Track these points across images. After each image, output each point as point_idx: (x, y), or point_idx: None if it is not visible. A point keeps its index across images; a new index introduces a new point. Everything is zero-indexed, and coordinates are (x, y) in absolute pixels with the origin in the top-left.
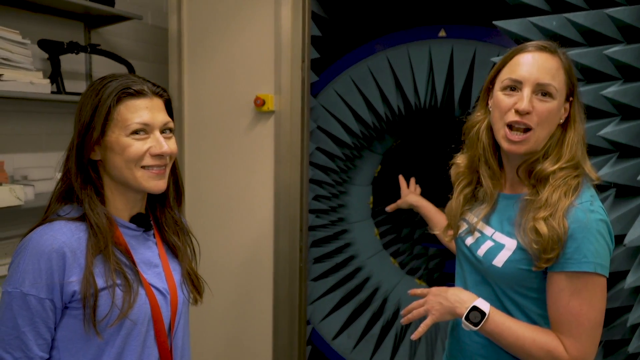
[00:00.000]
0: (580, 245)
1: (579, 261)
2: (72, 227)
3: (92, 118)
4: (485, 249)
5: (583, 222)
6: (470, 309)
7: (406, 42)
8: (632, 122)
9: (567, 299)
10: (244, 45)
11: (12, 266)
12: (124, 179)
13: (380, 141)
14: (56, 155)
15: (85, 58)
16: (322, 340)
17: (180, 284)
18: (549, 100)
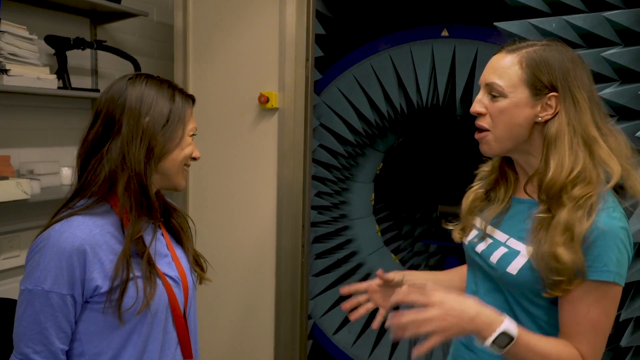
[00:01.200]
0: (601, 253)
1: (599, 269)
2: (90, 224)
3: (173, 118)
4: (498, 255)
5: (606, 230)
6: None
7: (409, 41)
8: (629, 123)
9: (586, 308)
10: (248, 42)
11: (31, 264)
12: (169, 173)
13: (383, 139)
14: (61, 150)
15: (91, 54)
16: (323, 335)
17: (189, 271)
18: (499, 99)
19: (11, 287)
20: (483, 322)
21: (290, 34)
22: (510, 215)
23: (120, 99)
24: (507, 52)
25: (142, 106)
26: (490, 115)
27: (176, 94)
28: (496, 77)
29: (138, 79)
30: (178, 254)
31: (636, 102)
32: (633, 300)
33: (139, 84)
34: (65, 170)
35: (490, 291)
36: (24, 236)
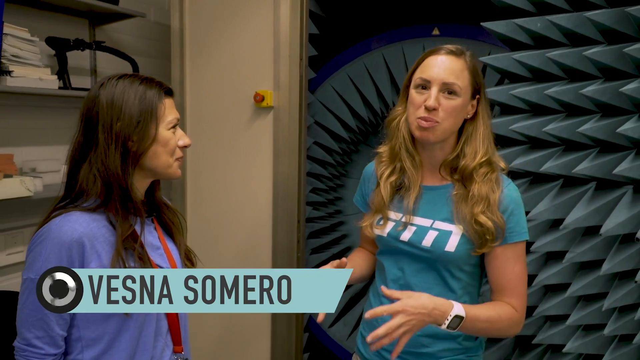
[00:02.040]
0: (519, 220)
1: (519, 233)
2: (87, 218)
3: (143, 115)
4: (431, 238)
5: (515, 202)
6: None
7: (401, 40)
8: (611, 119)
9: (512, 266)
10: (244, 42)
11: (32, 254)
12: (158, 168)
13: (376, 136)
14: (62, 148)
15: (90, 54)
16: (319, 328)
17: (180, 263)
18: (454, 98)
19: (15, 282)
20: (438, 314)
21: (284, 33)
22: (426, 201)
23: (95, 107)
24: (456, 56)
25: (113, 111)
26: (444, 111)
27: (147, 90)
28: (454, 78)
29: (109, 82)
30: (170, 247)
31: (618, 99)
32: (616, 289)
33: (110, 88)
34: (66, 168)
35: (419, 271)
36: (27, 232)
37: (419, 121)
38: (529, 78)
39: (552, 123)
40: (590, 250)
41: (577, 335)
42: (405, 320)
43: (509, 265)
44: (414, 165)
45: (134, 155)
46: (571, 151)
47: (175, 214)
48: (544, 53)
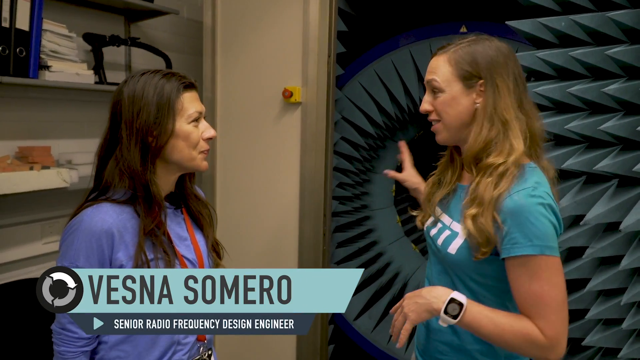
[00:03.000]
0: (523, 230)
1: (524, 245)
2: (117, 210)
3: (160, 110)
4: (443, 237)
5: (521, 208)
6: (447, 302)
7: (428, 37)
8: (633, 117)
9: (527, 283)
10: (273, 39)
11: (66, 244)
12: (182, 161)
13: (403, 132)
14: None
15: (125, 50)
16: (344, 321)
17: (207, 255)
18: (440, 95)
19: None
20: (433, 295)
21: (313, 30)
22: (455, 201)
23: (119, 104)
24: (439, 54)
25: (134, 107)
26: (436, 110)
27: (166, 85)
28: (432, 75)
29: (132, 79)
30: (198, 238)
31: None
32: (635, 284)
33: (132, 85)
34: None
35: (440, 273)
36: (63, 222)
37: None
38: (554, 76)
39: (575, 121)
40: (611, 246)
41: (597, 329)
42: (403, 308)
43: (522, 282)
44: (453, 166)
45: (154, 150)
46: (594, 148)
47: (205, 206)
48: (568, 52)
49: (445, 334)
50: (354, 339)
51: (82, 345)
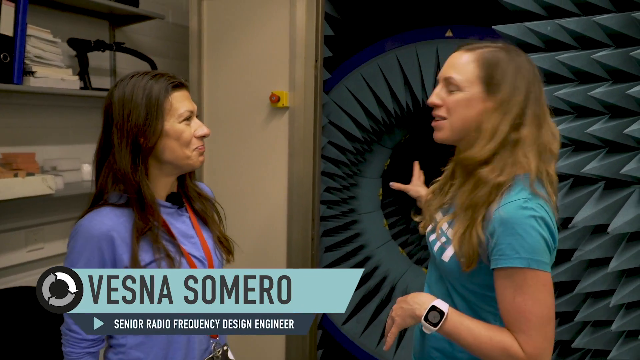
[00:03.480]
0: (512, 242)
1: (511, 257)
2: (118, 213)
3: (149, 111)
4: (439, 244)
5: (513, 219)
6: (428, 309)
7: (415, 42)
8: (619, 120)
9: (511, 296)
10: (260, 44)
11: (69, 248)
12: (176, 160)
13: (390, 135)
14: (82, 147)
15: (110, 55)
16: (332, 325)
17: (213, 250)
18: (456, 92)
19: (36, 278)
20: (416, 302)
21: (300, 35)
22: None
23: (110, 108)
24: (465, 50)
25: (124, 110)
26: (447, 106)
27: (154, 86)
28: (454, 72)
29: (122, 82)
30: (205, 235)
31: (626, 101)
32: (623, 286)
33: (121, 88)
34: (86, 166)
35: (437, 280)
36: (48, 230)
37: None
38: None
39: (562, 124)
40: (599, 248)
41: (586, 331)
42: (394, 313)
43: (507, 295)
44: (451, 180)
45: (145, 151)
46: (580, 151)
47: (209, 202)
48: (554, 56)
49: (439, 340)
50: (343, 343)
51: (87, 346)
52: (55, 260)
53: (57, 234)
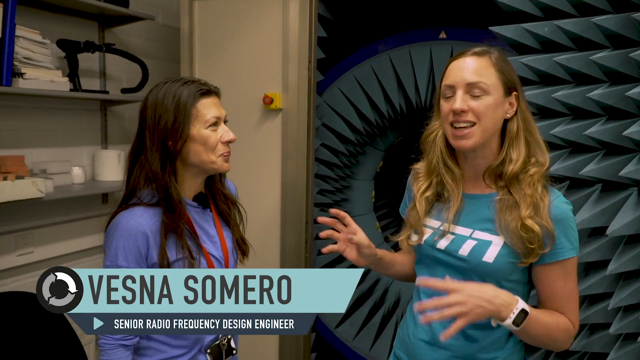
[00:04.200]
0: (568, 235)
1: (569, 249)
2: (150, 212)
3: (177, 116)
4: (468, 248)
5: (565, 214)
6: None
7: (408, 43)
8: (616, 123)
9: (563, 284)
10: (253, 45)
11: (107, 245)
12: (202, 164)
13: (383, 138)
14: (72, 150)
15: (100, 57)
16: (325, 329)
17: (232, 250)
18: (483, 97)
19: (26, 282)
20: (501, 303)
21: (293, 36)
22: (467, 211)
23: (144, 111)
24: (477, 55)
25: (155, 114)
26: (475, 112)
27: (184, 92)
28: (478, 76)
29: (157, 87)
30: (225, 235)
31: (624, 103)
32: (621, 289)
33: (155, 93)
34: (76, 169)
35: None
36: (37, 233)
37: (453, 130)
38: (537, 82)
39: (560, 126)
40: (596, 251)
41: (583, 334)
42: (462, 299)
43: (559, 283)
44: (454, 179)
45: (172, 153)
46: (577, 154)
47: (233, 204)
48: (552, 57)
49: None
50: (336, 347)
51: (120, 338)
52: (46, 264)
53: (47, 238)
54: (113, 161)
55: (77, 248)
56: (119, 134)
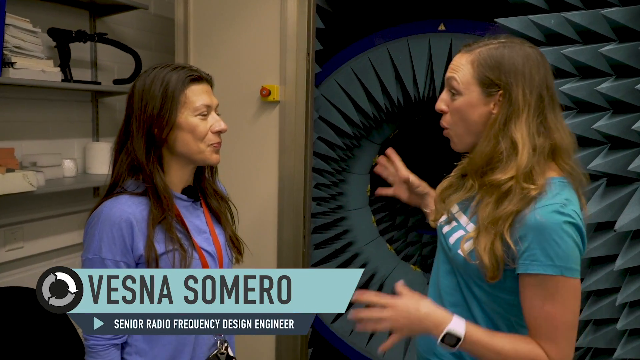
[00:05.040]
0: (544, 248)
1: (544, 264)
2: (136, 201)
3: (164, 102)
4: (456, 237)
5: (548, 224)
6: (444, 334)
7: (406, 35)
8: (623, 116)
9: (540, 303)
10: (250, 36)
11: (88, 236)
12: (189, 154)
13: (379, 131)
14: (63, 142)
15: (91, 46)
16: (321, 324)
17: (225, 247)
18: (457, 97)
19: (16, 278)
20: (431, 322)
21: (291, 27)
22: (477, 203)
23: (131, 98)
24: (464, 52)
25: (142, 100)
26: (450, 112)
27: (172, 77)
28: (452, 72)
29: (145, 73)
30: (217, 232)
31: (631, 97)
32: (628, 284)
33: (143, 79)
34: (67, 162)
35: (447, 273)
36: (28, 228)
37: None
38: None
39: (565, 120)
40: (602, 246)
41: (589, 329)
42: (391, 315)
43: (536, 302)
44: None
45: (157, 141)
46: (583, 147)
47: (224, 200)
48: (560, 50)
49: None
50: (332, 342)
51: (111, 337)
52: (36, 259)
53: (37, 233)
54: (105, 154)
55: (68, 243)
56: (110, 126)
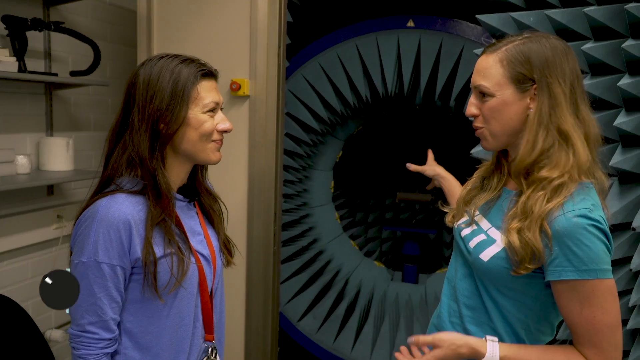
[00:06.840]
0: (566, 254)
1: (577, 269)
2: (133, 200)
3: (174, 97)
4: (477, 241)
5: (568, 231)
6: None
7: (375, 31)
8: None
9: (578, 309)
10: (219, 28)
11: (81, 237)
12: (192, 151)
13: (343, 127)
14: (16, 137)
15: (44, 36)
16: (287, 322)
17: (218, 251)
18: (489, 99)
19: None
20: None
21: (262, 20)
22: (498, 206)
23: (133, 87)
24: (488, 53)
25: (148, 92)
26: (483, 115)
27: (183, 71)
28: (481, 79)
29: (150, 62)
30: (210, 233)
31: (610, 94)
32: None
33: (148, 68)
34: (21, 158)
35: (465, 276)
36: None
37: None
38: None
39: None
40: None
41: None
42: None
43: (573, 308)
44: (499, 171)
45: (163, 137)
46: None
47: (216, 201)
48: None
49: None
50: (299, 340)
51: (104, 346)
52: None
53: None
54: (61, 149)
55: (21, 244)
56: (64, 120)
